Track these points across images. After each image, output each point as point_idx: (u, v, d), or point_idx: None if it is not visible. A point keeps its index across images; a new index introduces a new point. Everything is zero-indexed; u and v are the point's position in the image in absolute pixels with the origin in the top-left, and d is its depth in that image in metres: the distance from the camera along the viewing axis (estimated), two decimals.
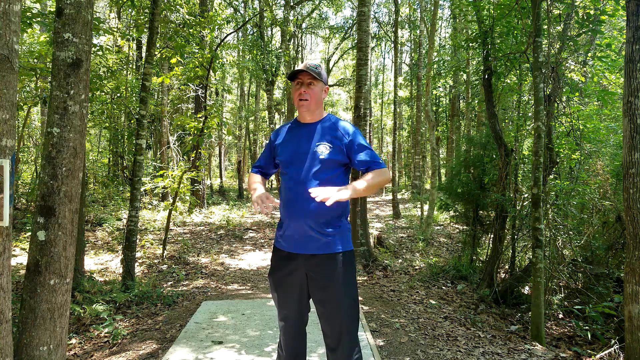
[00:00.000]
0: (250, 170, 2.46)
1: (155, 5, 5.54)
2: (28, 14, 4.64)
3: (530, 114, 5.83)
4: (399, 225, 11.46)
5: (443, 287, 5.67)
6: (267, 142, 2.36)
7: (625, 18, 3.10)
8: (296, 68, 2.18)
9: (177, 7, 7.63)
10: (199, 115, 7.80)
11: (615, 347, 3.54)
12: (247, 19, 14.96)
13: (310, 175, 2.11)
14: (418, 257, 7.82)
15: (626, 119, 2.85)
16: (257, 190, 2.22)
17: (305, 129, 2.21)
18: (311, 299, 2.21)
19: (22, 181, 10.29)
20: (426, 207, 10.84)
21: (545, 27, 4.87)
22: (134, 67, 13.36)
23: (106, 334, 3.84)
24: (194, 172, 7.80)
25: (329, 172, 2.12)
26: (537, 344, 3.78)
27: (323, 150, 2.12)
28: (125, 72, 11.97)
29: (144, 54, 11.29)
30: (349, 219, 2.29)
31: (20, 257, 6.35)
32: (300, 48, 22.96)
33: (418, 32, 17.32)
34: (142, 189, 6.15)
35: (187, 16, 7.61)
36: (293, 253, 2.15)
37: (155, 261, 7.01)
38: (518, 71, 5.88)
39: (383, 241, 8.45)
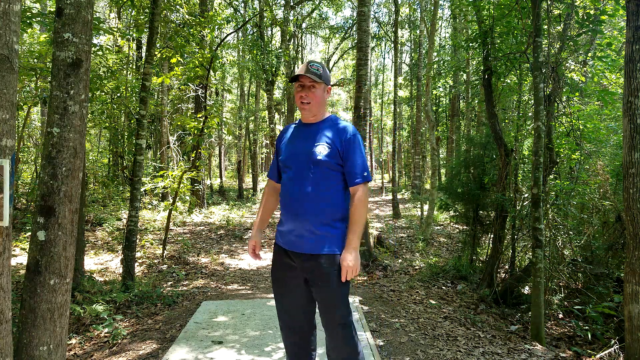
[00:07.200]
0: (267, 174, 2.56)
1: (155, 5, 5.54)
2: (28, 14, 4.64)
3: (530, 114, 5.83)
4: (399, 225, 11.46)
5: (443, 287, 5.67)
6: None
7: (625, 18, 3.10)
8: (297, 70, 2.18)
9: (177, 7, 7.62)
10: (199, 115, 7.80)
11: (615, 347, 3.54)
12: (247, 19, 14.95)
13: (308, 175, 2.11)
14: (418, 257, 7.82)
15: (626, 119, 2.85)
16: (254, 229, 2.35)
17: (307, 130, 2.22)
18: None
19: (22, 181, 10.30)
20: (426, 207, 10.84)
21: (545, 27, 4.87)
22: (134, 67, 13.36)
23: (106, 334, 3.85)
24: (194, 172, 7.80)
25: (326, 172, 2.12)
26: (537, 344, 3.78)
27: (321, 150, 2.11)
28: (125, 72, 11.96)
29: (144, 54, 11.29)
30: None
31: (20, 257, 6.35)
32: (300, 48, 22.95)
33: (418, 32, 17.32)
34: (142, 189, 6.15)
35: (187, 16, 7.61)
36: (289, 251, 2.18)
37: (155, 261, 7.01)
38: (518, 71, 5.87)
39: (383, 241, 8.44)
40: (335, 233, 2.12)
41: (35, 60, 5.85)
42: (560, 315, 4.84)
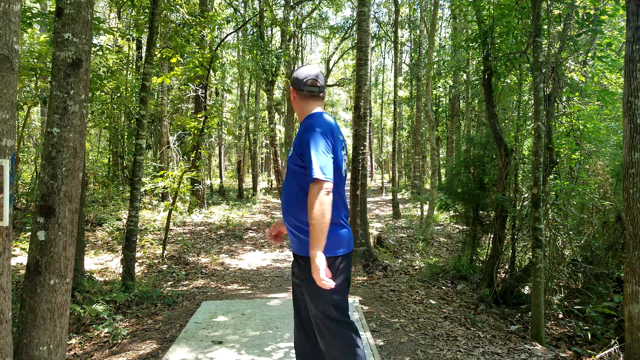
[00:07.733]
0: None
1: (155, 5, 5.54)
2: (28, 14, 4.64)
3: (530, 114, 5.83)
4: (399, 225, 11.46)
5: (443, 287, 5.67)
6: None
7: (625, 18, 3.10)
8: None
9: (177, 7, 7.63)
10: (199, 115, 7.80)
11: (615, 347, 3.54)
12: (247, 19, 14.95)
13: (287, 176, 2.17)
14: (418, 257, 7.82)
15: (626, 119, 2.85)
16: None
17: None
18: None
19: (22, 181, 10.29)
20: (426, 207, 10.84)
21: (545, 27, 4.87)
22: (134, 67, 13.35)
23: (106, 334, 3.85)
24: (194, 172, 7.80)
25: (294, 174, 2.09)
26: (537, 344, 3.78)
27: (290, 153, 2.17)
28: (125, 72, 11.97)
29: (144, 54, 11.28)
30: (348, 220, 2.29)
31: (20, 257, 6.35)
32: (300, 48, 22.96)
33: (418, 32, 17.32)
34: (142, 189, 6.15)
35: (187, 16, 7.61)
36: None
37: (155, 261, 7.01)
38: (518, 71, 5.87)
39: (383, 241, 8.45)
40: (305, 235, 2.07)
41: (35, 60, 5.85)
42: (560, 315, 4.84)
